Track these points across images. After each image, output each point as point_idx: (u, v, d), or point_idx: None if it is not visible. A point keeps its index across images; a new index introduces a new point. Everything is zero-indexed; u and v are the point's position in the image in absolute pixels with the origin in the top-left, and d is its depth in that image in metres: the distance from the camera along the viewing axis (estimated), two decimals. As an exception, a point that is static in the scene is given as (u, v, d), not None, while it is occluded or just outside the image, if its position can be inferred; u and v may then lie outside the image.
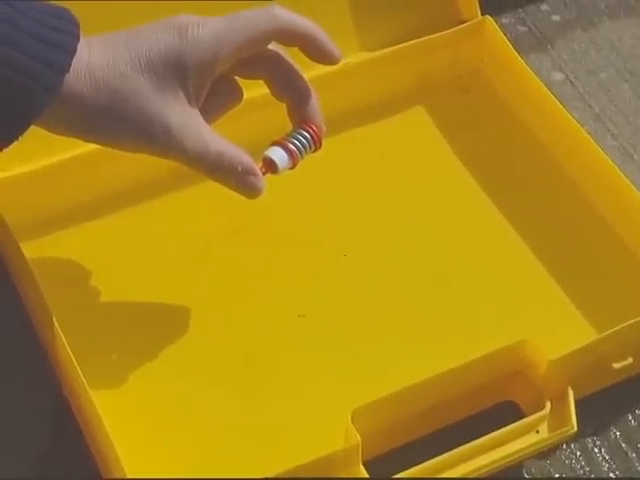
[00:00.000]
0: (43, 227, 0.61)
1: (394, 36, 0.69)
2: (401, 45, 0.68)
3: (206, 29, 0.50)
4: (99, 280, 0.60)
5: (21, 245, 0.57)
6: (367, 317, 0.60)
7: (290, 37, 0.53)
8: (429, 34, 0.68)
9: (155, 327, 0.59)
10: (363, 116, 0.68)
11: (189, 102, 0.50)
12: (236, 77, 0.54)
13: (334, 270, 0.61)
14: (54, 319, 0.54)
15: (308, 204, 0.64)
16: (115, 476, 0.50)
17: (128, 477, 0.49)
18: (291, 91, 0.55)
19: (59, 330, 0.53)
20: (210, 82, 0.51)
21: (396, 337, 0.59)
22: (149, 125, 0.49)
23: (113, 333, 0.58)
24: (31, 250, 0.57)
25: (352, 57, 0.68)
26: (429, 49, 0.68)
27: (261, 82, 0.55)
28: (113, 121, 0.49)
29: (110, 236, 0.62)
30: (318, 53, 0.54)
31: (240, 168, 0.52)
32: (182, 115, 0.50)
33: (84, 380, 0.51)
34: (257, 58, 0.53)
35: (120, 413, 0.54)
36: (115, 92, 0.48)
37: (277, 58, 0.54)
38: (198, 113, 0.51)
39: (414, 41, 0.68)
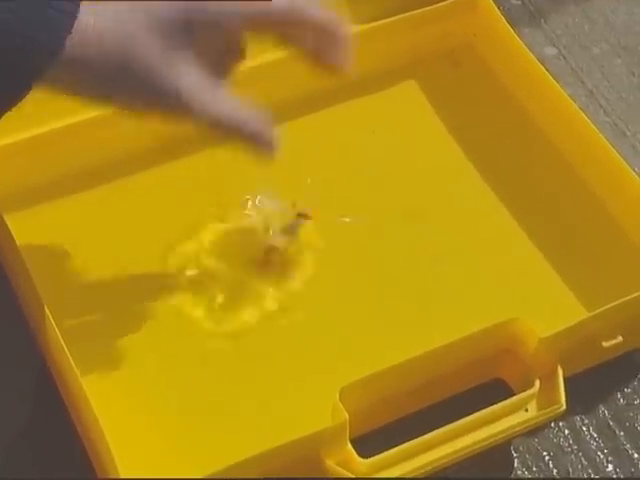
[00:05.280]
0: (28, 199, 0.61)
1: (386, 9, 0.68)
2: (393, 18, 0.67)
3: None
4: (85, 253, 0.60)
5: (5, 217, 0.56)
6: (356, 294, 0.59)
7: (303, 24, 0.50)
8: (421, 7, 0.67)
9: (141, 301, 0.58)
10: (354, 90, 0.67)
11: (198, 61, 0.49)
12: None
13: (325, 242, 0.61)
14: (39, 293, 0.53)
15: (299, 179, 0.63)
16: (101, 452, 0.50)
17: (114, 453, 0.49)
18: (309, 35, 0.51)
19: (44, 305, 0.52)
20: (220, 43, 0.50)
21: (385, 314, 0.58)
22: (158, 85, 0.48)
23: (98, 306, 0.58)
24: (15, 222, 0.57)
25: (343, 29, 0.67)
26: (421, 22, 0.67)
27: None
28: (122, 83, 0.48)
29: (97, 208, 0.61)
30: (330, 42, 0.51)
31: (252, 127, 0.50)
32: (192, 75, 0.48)
33: (69, 355, 0.51)
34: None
35: (100, 380, 0.54)
36: (123, 53, 0.47)
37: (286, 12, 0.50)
38: (207, 72, 0.49)
39: (406, 14, 0.67)
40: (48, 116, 0.50)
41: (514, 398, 0.53)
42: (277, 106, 0.55)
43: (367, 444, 0.52)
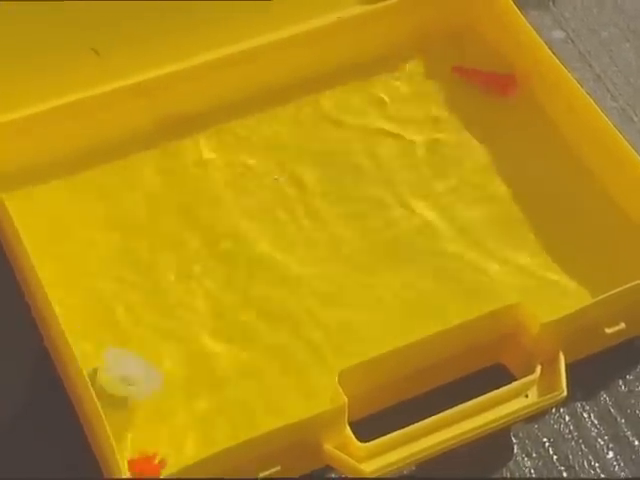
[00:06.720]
0: (26, 179, 0.60)
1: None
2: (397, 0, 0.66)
3: None
4: (84, 234, 0.59)
5: (3, 197, 0.56)
6: (357, 278, 0.59)
7: None
8: (427, -12, 0.67)
9: (142, 283, 0.58)
10: (359, 69, 0.66)
11: None
12: None
13: (324, 227, 0.61)
14: (38, 275, 0.53)
15: (303, 161, 0.63)
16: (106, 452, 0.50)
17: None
18: None
19: (42, 285, 0.53)
20: None
21: (386, 298, 0.58)
22: None
23: (99, 289, 0.58)
24: (14, 203, 0.56)
25: (348, 10, 0.66)
26: (426, 3, 0.67)
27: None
28: None
29: (94, 189, 0.61)
30: None
31: None
32: None
33: (72, 346, 0.51)
34: None
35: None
36: None
37: None
38: None
39: (411, -5, 0.66)
40: (45, 96, 0.50)
41: (515, 384, 0.53)
42: (280, 88, 0.55)
43: (365, 428, 0.52)
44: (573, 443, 0.56)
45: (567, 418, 0.57)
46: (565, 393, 0.53)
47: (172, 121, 0.53)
